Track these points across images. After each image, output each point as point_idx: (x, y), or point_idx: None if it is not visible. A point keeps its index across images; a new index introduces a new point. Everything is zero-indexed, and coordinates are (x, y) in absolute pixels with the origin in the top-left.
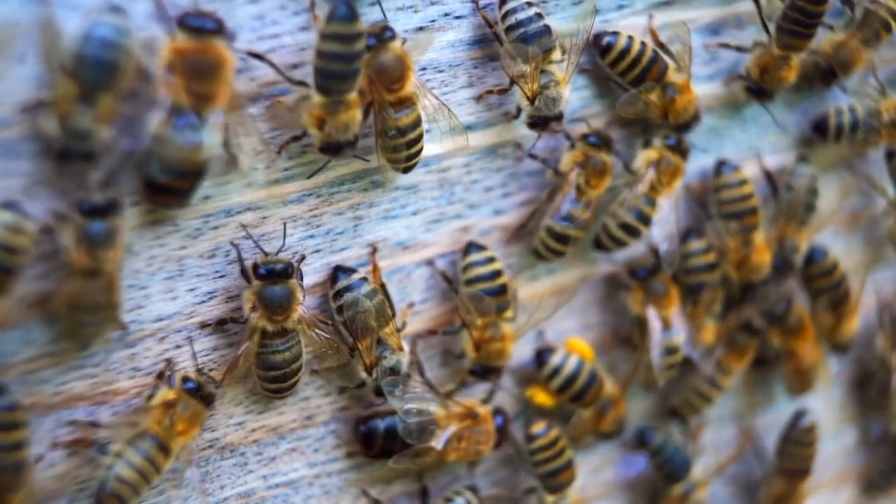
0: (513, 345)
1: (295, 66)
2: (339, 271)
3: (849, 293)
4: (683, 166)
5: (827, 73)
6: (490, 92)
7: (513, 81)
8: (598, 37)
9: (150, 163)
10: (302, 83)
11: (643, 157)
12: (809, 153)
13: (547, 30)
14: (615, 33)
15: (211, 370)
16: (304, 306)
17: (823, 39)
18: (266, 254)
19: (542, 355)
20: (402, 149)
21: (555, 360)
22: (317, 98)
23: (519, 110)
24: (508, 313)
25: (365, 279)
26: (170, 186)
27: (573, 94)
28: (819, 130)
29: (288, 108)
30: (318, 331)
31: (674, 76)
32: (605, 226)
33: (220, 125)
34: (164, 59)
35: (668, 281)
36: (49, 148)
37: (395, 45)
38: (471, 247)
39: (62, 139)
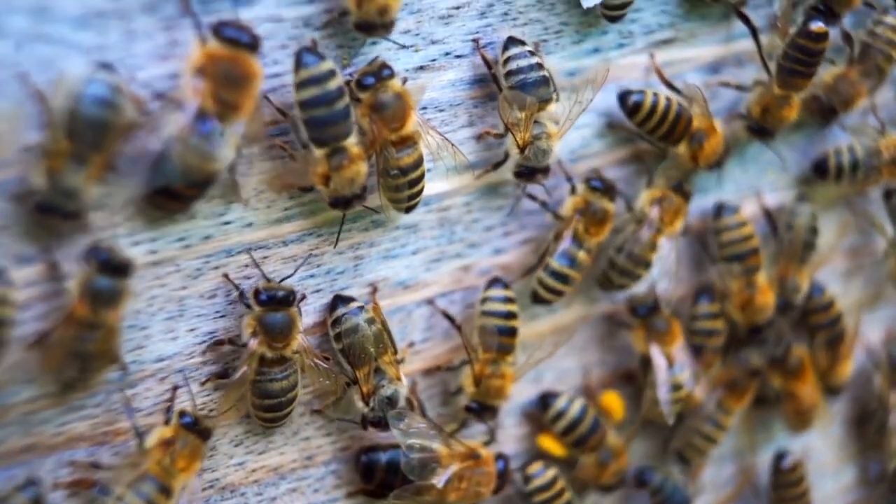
0: (512, 386)
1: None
2: (338, 300)
3: (844, 332)
4: (686, 207)
5: (828, 110)
6: (488, 133)
7: (506, 127)
8: (623, 96)
9: (164, 165)
10: (305, 146)
11: (645, 197)
12: (809, 191)
13: (546, 81)
14: (641, 92)
15: (211, 411)
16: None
17: (824, 73)
18: (269, 280)
19: (546, 398)
20: (405, 188)
21: (559, 403)
22: (317, 152)
23: (506, 156)
24: (511, 357)
25: (362, 308)
26: (179, 192)
27: (574, 133)
28: (819, 171)
29: (293, 168)
30: (316, 360)
31: (698, 122)
32: (613, 262)
33: (238, 138)
34: (195, 63)
35: (670, 317)
36: (31, 198)
37: (394, 83)
38: (495, 281)
39: (48, 194)
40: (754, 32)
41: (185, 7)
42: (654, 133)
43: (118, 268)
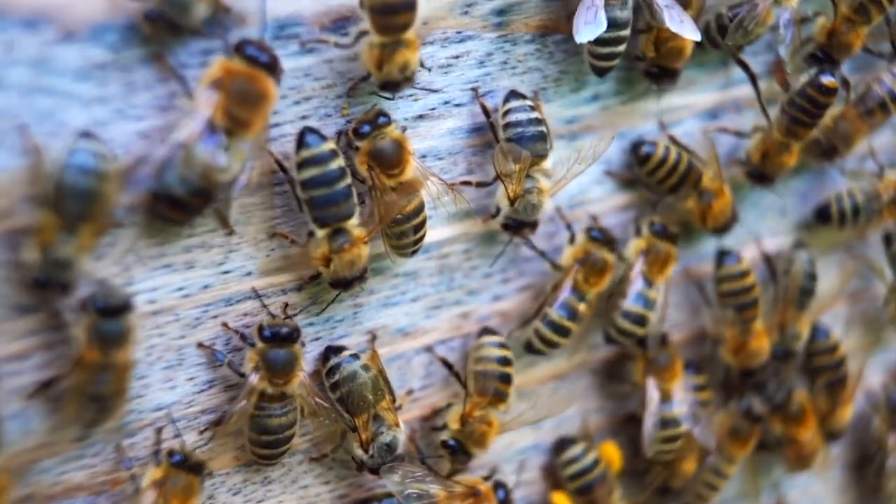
0: (495, 437)
1: None
2: (329, 351)
3: (846, 377)
4: (675, 252)
5: (828, 151)
6: (468, 183)
7: (498, 178)
8: (635, 146)
9: (167, 171)
10: (311, 233)
11: (633, 247)
12: (809, 236)
13: (543, 136)
14: (653, 143)
15: (210, 461)
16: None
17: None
18: (273, 316)
19: (563, 444)
20: (410, 234)
21: (574, 450)
22: (319, 233)
23: (498, 210)
24: (503, 406)
25: (356, 356)
26: (180, 201)
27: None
28: (822, 217)
29: (298, 250)
30: (317, 399)
31: (708, 181)
32: (612, 321)
33: (243, 155)
34: (212, 75)
35: (675, 353)
36: (26, 276)
37: (391, 129)
38: (485, 330)
39: (42, 268)
40: (753, 79)
41: (172, 71)
42: (662, 184)
43: (118, 308)
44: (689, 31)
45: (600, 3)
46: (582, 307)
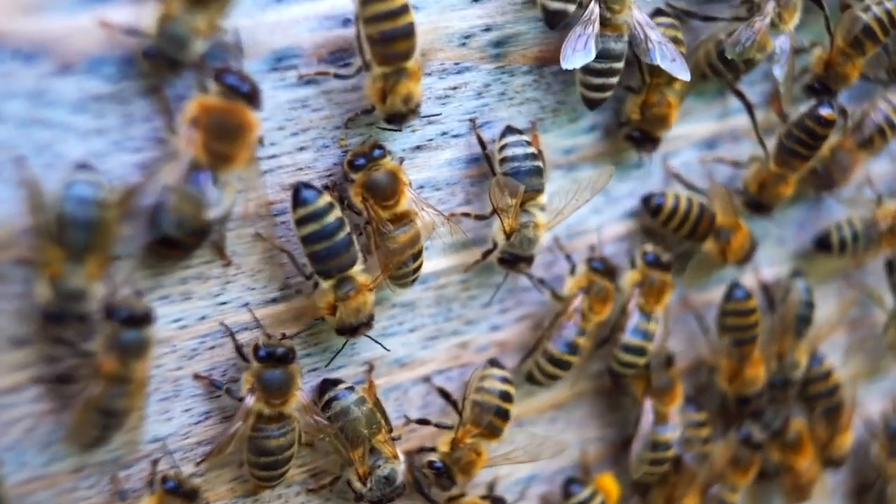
0: (482, 469)
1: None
2: (326, 383)
3: (842, 403)
4: (670, 280)
5: (826, 181)
6: (466, 215)
7: (494, 212)
8: (646, 199)
9: (160, 215)
10: (315, 284)
11: (628, 279)
12: (808, 265)
13: (539, 172)
14: (662, 194)
15: (206, 492)
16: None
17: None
18: (269, 336)
19: (570, 485)
20: (409, 262)
21: (583, 494)
22: (324, 284)
23: (495, 245)
24: (495, 442)
25: (352, 388)
26: (178, 241)
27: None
28: (822, 246)
29: (304, 301)
30: (316, 417)
31: (723, 219)
32: (612, 354)
33: (234, 186)
34: (189, 114)
35: (676, 378)
36: (43, 312)
37: (386, 161)
38: (493, 362)
39: (55, 302)
40: (750, 109)
41: (165, 104)
42: (678, 233)
43: (142, 318)
44: (679, 70)
45: (591, 33)
46: (582, 340)
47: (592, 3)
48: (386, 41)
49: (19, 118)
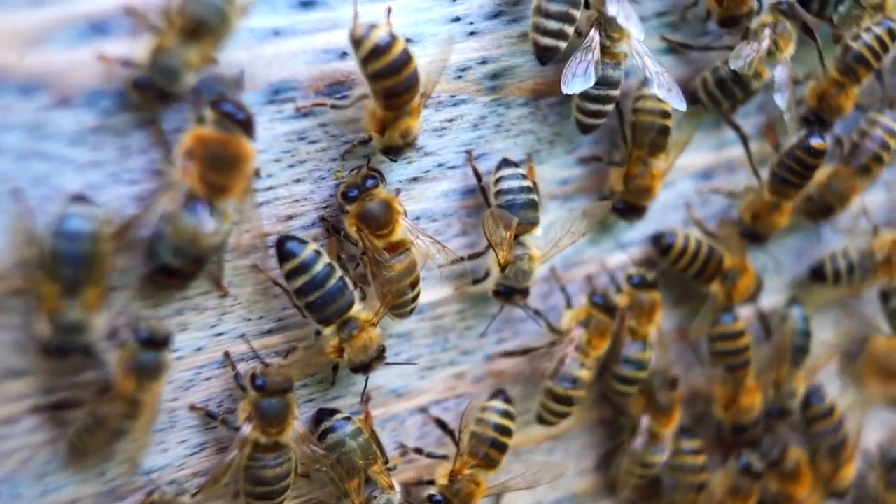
0: (481, 499)
1: (289, 217)
2: (322, 413)
3: (847, 438)
4: (659, 298)
5: (823, 209)
6: (461, 259)
7: (489, 245)
8: (656, 238)
9: (157, 245)
10: (317, 332)
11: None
12: (804, 294)
13: (534, 205)
14: (672, 234)
15: None
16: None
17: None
18: (266, 365)
19: None
20: (408, 291)
21: None
22: (326, 331)
23: (487, 274)
24: (492, 473)
25: (348, 419)
26: (177, 269)
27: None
28: (817, 276)
29: (307, 351)
30: (312, 447)
31: (730, 261)
32: (608, 384)
33: (230, 215)
34: (185, 145)
35: (677, 402)
36: (45, 347)
37: (379, 190)
38: (498, 394)
39: (56, 337)
40: (744, 140)
41: (161, 136)
42: (686, 272)
43: (161, 341)
44: (676, 100)
45: (592, 59)
46: (584, 373)
47: (593, 30)
48: (391, 95)
49: (17, 150)
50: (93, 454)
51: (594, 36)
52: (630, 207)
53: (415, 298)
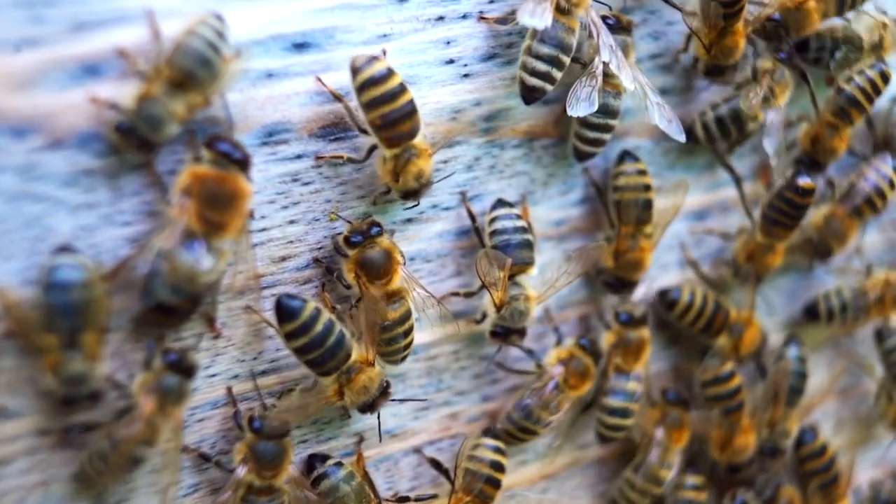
0: None
1: (283, 259)
2: (314, 459)
3: (839, 476)
4: (647, 335)
5: (822, 250)
6: (455, 294)
7: (483, 285)
8: (662, 294)
9: (153, 282)
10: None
11: (605, 341)
12: (799, 333)
13: (529, 245)
14: (678, 289)
15: None
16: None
17: (812, 214)
18: (266, 408)
19: None
20: (400, 339)
21: None
22: (326, 380)
23: (484, 316)
24: None
25: (340, 464)
26: (173, 307)
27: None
28: (811, 315)
29: (306, 394)
30: (306, 492)
31: (737, 315)
32: (599, 419)
33: (227, 253)
34: (182, 183)
35: (686, 416)
36: (55, 402)
37: (382, 239)
38: (487, 431)
39: (62, 389)
40: (738, 181)
41: (156, 178)
42: (693, 327)
43: (187, 368)
44: (675, 132)
45: (596, 85)
46: (542, 413)
47: (597, 58)
48: (388, 124)
49: (9, 192)
50: (102, 485)
51: (599, 63)
52: (621, 282)
53: (407, 346)
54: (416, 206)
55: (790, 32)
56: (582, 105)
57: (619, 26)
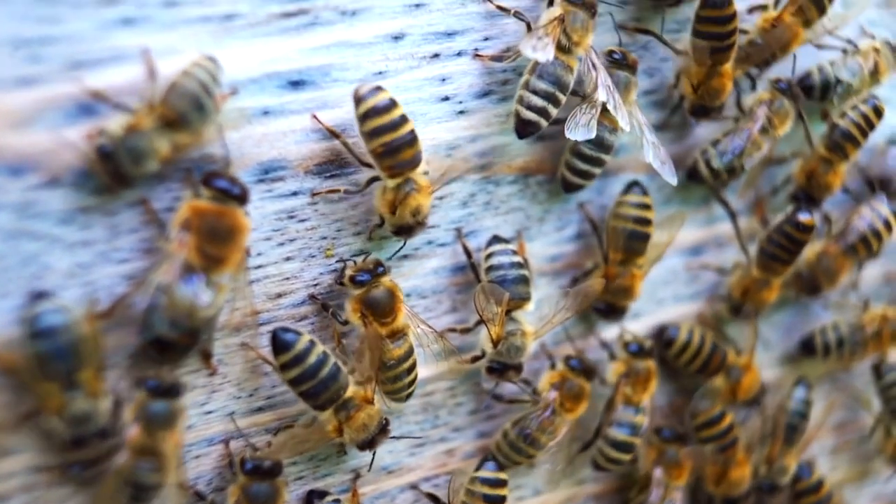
0: None
1: (279, 296)
2: (312, 495)
3: None
4: (654, 367)
5: (812, 286)
6: (452, 330)
7: (480, 321)
8: (660, 331)
9: (152, 317)
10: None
11: (612, 372)
12: (796, 368)
13: (525, 280)
14: (676, 327)
15: None
16: None
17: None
18: (255, 449)
19: None
20: (404, 376)
21: None
22: (323, 415)
23: (483, 353)
24: None
25: (338, 501)
26: (171, 342)
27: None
28: (807, 349)
29: (305, 430)
30: None
31: (735, 358)
32: (600, 449)
33: (225, 288)
34: (181, 217)
35: (685, 457)
36: (65, 443)
37: (386, 279)
38: (485, 461)
39: (70, 431)
40: (733, 216)
41: (153, 215)
42: (689, 367)
43: (170, 389)
44: (668, 174)
45: (595, 113)
46: (542, 437)
47: (600, 87)
48: (391, 152)
49: (6, 230)
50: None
51: (600, 95)
52: (611, 308)
53: (411, 383)
54: (402, 246)
55: (776, 54)
56: (581, 130)
57: (624, 63)
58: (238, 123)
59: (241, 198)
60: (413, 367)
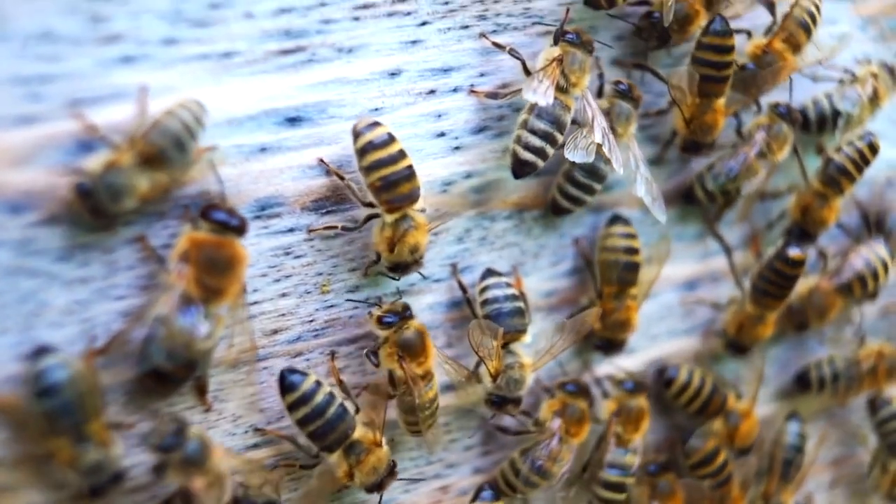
0: None
1: (275, 332)
2: None
3: None
4: (647, 405)
5: (800, 323)
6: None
7: (477, 356)
8: (660, 371)
9: (150, 348)
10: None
11: (605, 409)
12: (792, 404)
13: (521, 312)
14: (676, 367)
15: None
16: None
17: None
18: (247, 487)
19: None
20: (437, 416)
21: None
22: (331, 458)
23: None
24: None
25: None
26: (168, 374)
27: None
28: (802, 384)
29: (317, 483)
30: None
31: (735, 403)
32: (594, 492)
33: (224, 319)
34: (179, 249)
35: (676, 483)
36: (81, 494)
37: (415, 322)
38: (482, 491)
39: (86, 482)
40: (728, 251)
41: (152, 252)
42: (688, 407)
43: (168, 445)
44: (657, 210)
45: (594, 140)
46: (552, 466)
47: (596, 129)
48: (388, 186)
49: (4, 267)
50: None
51: (595, 135)
52: (610, 343)
53: (434, 413)
54: (397, 279)
55: (768, 80)
56: (580, 153)
57: (629, 95)
58: (215, 166)
59: (240, 229)
60: (436, 399)
